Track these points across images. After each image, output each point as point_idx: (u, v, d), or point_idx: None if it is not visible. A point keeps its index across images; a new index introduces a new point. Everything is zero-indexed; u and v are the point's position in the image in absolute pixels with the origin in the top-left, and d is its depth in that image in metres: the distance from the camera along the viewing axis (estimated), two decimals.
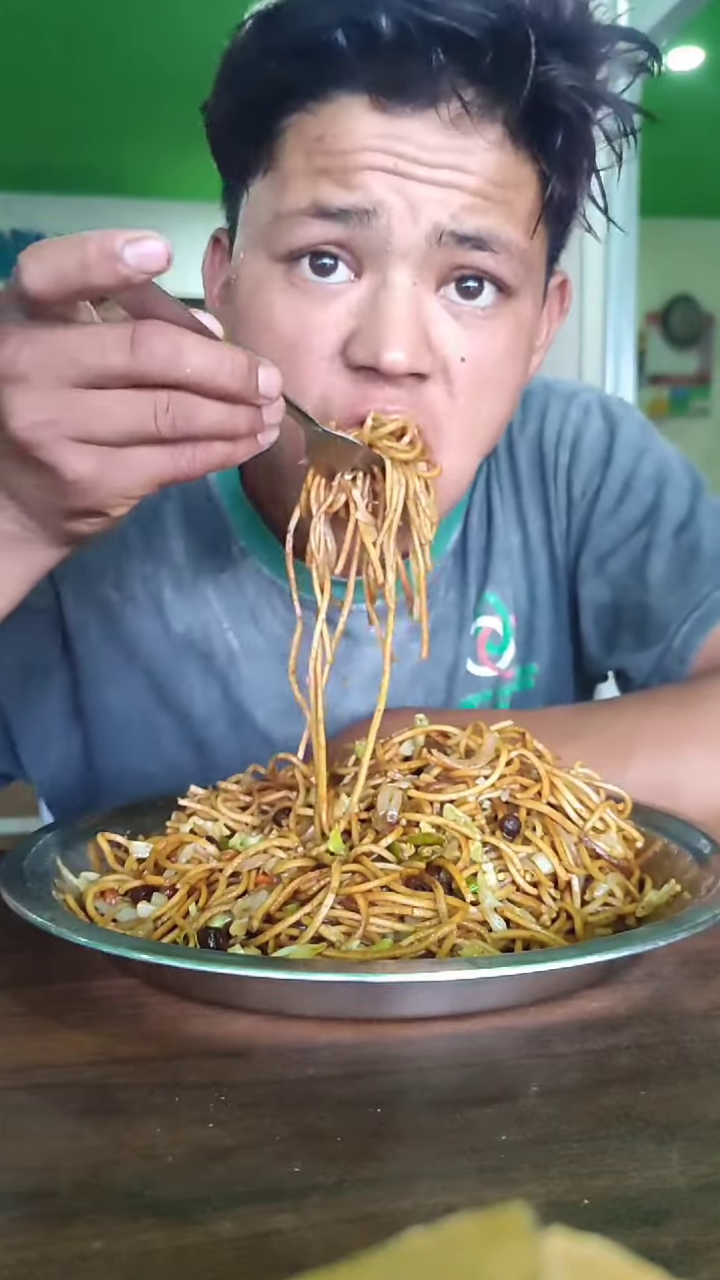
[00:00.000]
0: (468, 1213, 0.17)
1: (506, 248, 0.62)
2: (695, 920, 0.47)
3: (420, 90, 0.58)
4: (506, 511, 0.85)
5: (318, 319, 0.62)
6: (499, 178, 0.60)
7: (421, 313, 0.61)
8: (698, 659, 0.80)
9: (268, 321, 0.63)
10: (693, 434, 5.97)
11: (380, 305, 0.60)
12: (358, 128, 0.59)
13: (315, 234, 0.61)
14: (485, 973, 0.43)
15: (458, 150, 0.59)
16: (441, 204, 0.59)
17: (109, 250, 0.43)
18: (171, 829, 0.62)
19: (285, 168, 0.62)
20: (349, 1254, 0.17)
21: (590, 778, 0.60)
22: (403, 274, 0.60)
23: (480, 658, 0.84)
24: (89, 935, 0.46)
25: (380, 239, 0.60)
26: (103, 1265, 0.30)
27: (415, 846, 0.53)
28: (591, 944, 0.46)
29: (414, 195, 0.59)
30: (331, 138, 0.60)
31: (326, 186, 0.60)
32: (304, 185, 0.61)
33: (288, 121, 0.61)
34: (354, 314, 0.62)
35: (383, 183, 0.59)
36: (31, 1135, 0.37)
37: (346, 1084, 0.41)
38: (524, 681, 0.86)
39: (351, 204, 0.59)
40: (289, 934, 0.49)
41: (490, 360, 0.64)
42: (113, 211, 5.29)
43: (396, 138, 0.59)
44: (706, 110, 3.81)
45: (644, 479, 0.84)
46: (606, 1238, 0.16)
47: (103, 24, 3.45)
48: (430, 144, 0.59)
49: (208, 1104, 0.39)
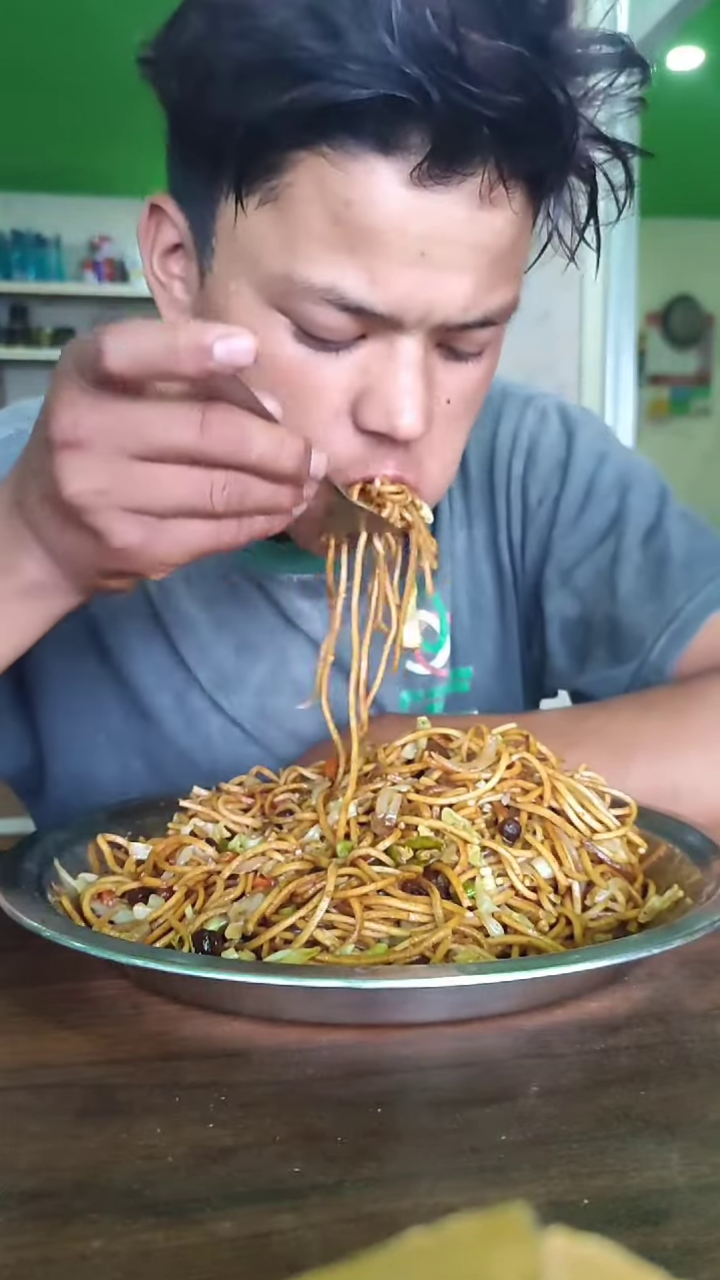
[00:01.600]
0: (468, 1213, 0.17)
1: (504, 314, 0.61)
2: (693, 927, 0.47)
3: (463, 166, 0.54)
4: (454, 511, 0.84)
5: (326, 377, 0.60)
6: (513, 245, 0.59)
7: (427, 375, 0.60)
8: (678, 670, 0.79)
9: (271, 362, 0.60)
10: (693, 434, 5.98)
11: (393, 372, 0.59)
12: (391, 203, 0.54)
13: (331, 321, 0.58)
14: (471, 980, 0.43)
15: (485, 226, 0.56)
16: (452, 299, 0.57)
17: (201, 344, 0.43)
18: (172, 830, 0.62)
19: (296, 217, 0.56)
20: (349, 1254, 0.17)
21: (595, 782, 0.60)
22: (415, 340, 0.59)
23: (413, 655, 0.83)
24: (81, 938, 0.46)
25: (392, 323, 0.58)
26: (103, 1265, 0.30)
27: (413, 850, 0.53)
28: (583, 951, 0.46)
29: (430, 293, 0.57)
30: (362, 207, 0.54)
31: (352, 275, 0.56)
32: (326, 261, 0.56)
33: (297, 157, 0.55)
34: (363, 373, 0.60)
35: (410, 279, 0.56)
36: (31, 1135, 0.37)
37: (346, 1084, 0.41)
38: (457, 685, 0.84)
39: (373, 304, 0.57)
40: (284, 938, 0.49)
41: (470, 391, 0.64)
42: (113, 211, 5.29)
43: (429, 213, 0.55)
44: (706, 110, 3.82)
45: (606, 485, 0.82)
46: (606, 1238, 0.16)
47: (102, 24, 3.45)
48: (461, 219, 0.56)
49: (208, 1104, 0.39)
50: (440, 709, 0.84)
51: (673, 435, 5.90)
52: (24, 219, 5.39)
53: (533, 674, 0.88)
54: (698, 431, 5.99)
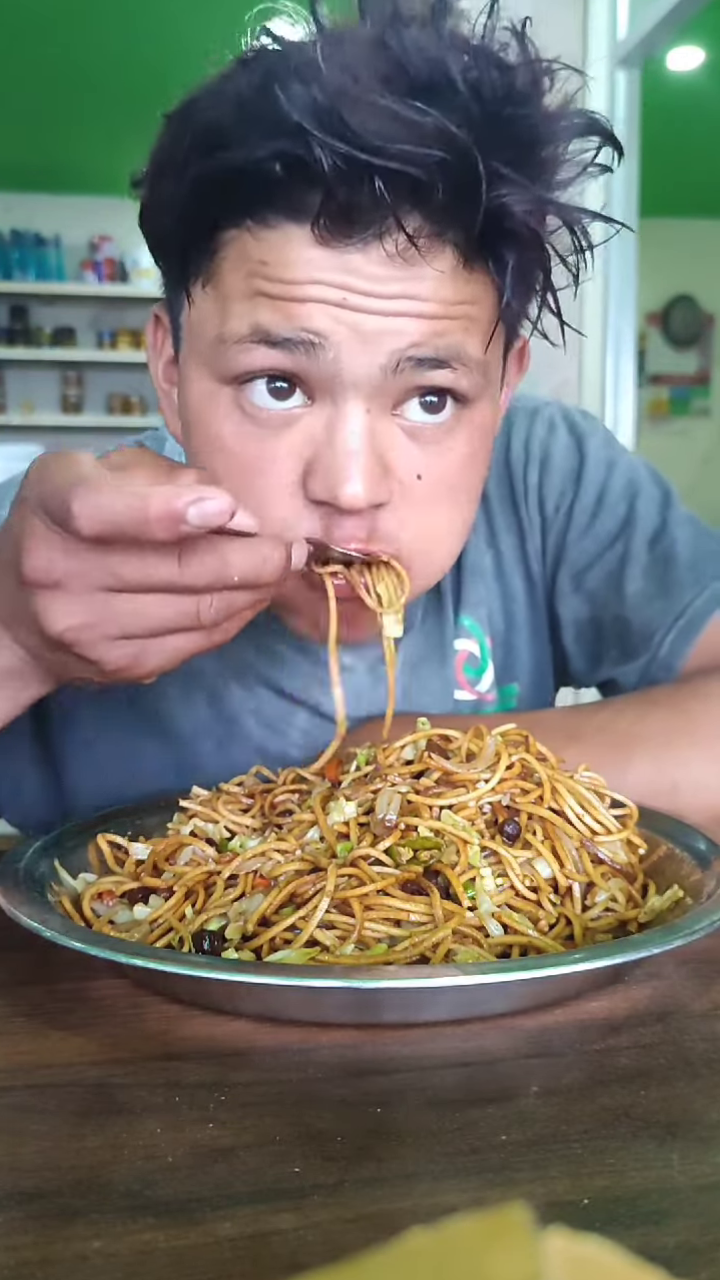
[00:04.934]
0: (468, 1213, 0.17)
1: (465, 363, 0.59)
2: (693, 927, 0.47)
3: (365, 224, 0.55)
4: (477, 533, 0.84)
5: (272, 449, 0.60)
6: (454, 298, 0.58)
7: (378, 442, 0.59)
8: (685, 666, 0.80)
9: (221, 446, 0.61)
10: (693, 434, 5.98)
11: (335, 439, 0.58)
12: (301, 258, 0.56)
13: (259, 361, 0.58)
14: (471, 980, 0.43)
15: (407, 279, 0.56)
16: (396, 334, 0.57)
17: (173, 512, 0.44)
18: (173, 831, 0.62)
19: (225, 287, 0.59)
20: (349, 1254, 0.17)
21: (595, 782, 0.60)
22: (356, 404, 0.58)
23: (459, 682, 0.84)
24: (81, 938, 0.46)
25: (329, 370, 0.57)
26: (103, 1265, 0.31)
27: (413, 850, 0.53)
28: (583, 951, 0.46)
29: (364, 328, 0.56)
30: (275, 265, 0.56)
31: (268, 314, 0.57)
32: (245, 310, 0.58)
33: (227, 237, 0.58)
34: (310, 442, 0.59)
35: (328, 315, 0.56)
36: (31, 1135, 0.37)
37: (346, 1084, 0.41)
38: (505, 703, 0.85)
39: (293, 334, 0.57)
40: (284, 938, 0.49)
41: (450, 472, 0.63)
42: (113, 211, 5.29)
43: (343, 270, 0.56)
44: (706, 110, 3.82)
45: (616, 492, 0.84)
46: (606, 1238, 0.16)
47: (102, 25, 3.45)
48: (378, 275, 0.56)
49: (208, 1104, 0.39)
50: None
51: (673, 435, 5.90)
52: (24, 219, 5.39)
53: (555, 676, 0.89)
54: (698, 432, 5.99)
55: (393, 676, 0.63)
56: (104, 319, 5.67)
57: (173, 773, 0.78)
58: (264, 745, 0.79)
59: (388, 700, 0.63)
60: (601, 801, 0.58)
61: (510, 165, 0.54)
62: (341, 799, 0.57)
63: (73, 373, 5.63)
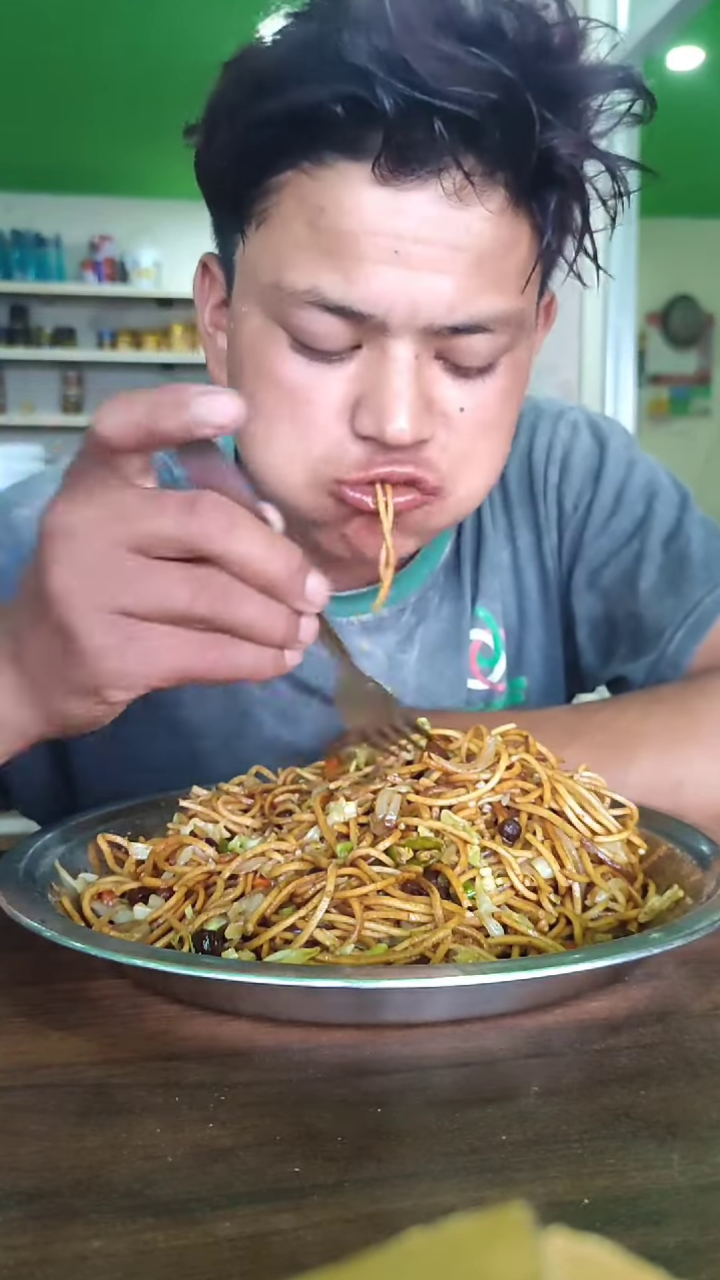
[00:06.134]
0: (468, 1213, 0.17)
1: (500, 323, 0.63)
2: (693, 927, 0.47)
3: (422, 163, 0.58)
4: (497, 527, 0.86)
5: (323, 380, 0.64)
6: (496, 247, 0.61)
7: (423, 381, 0.63)
8: (692, 664, 0.80)
9: (273, 378, 0.65)
10: (693, 434, 5.98)
11: (383, 380, 0.62)
12: (360, 204, 0.59)
13: (316, 324, 0.62)
14: (471, 980, 0.43)
15: (458, 224, 0.59)
16: (436, 298, 0.60)
17: (180, 399, 0.44)
18: (172, 830, 0.62)
19: (285, 232, 0.62)
20: (349, 1254, 0.17)
21: (595, 783, 0.60)
22: (404, 348, 0.62)
23: (472, 671, 0.85)
24: (81, 939, 0.46)
25: (379, 326, 0.61)
26: (102, 1265, 0.30)
27: (413, 850, 0.53)
28: (583, 951, 0.46)
29: (412, 291, 0.60)
30: (334, 212, 0.60)
31: (329, 276, 0.60)
32: (306, 265, 0.61)
33: (284, 178, 0.61)
34: (358, 380, 0.63)
35: (383, 281, 0.60)
36: (31, 1135, 0.37)
37: (346, 1084, 0.41)
38: (514, 695, 0.86)
39: (352, 302, 0.60)
40: (284, 938, 0.49)
41: (489, 407, 0.66)
42: (113, 211, 5.30)
43: (398, 212, 0.59)
44: (706, 110, 3.82)
45: (634, 491, 0.85)
46: (606, 1238, 0.16)
47: (104, 24, 3.45)
48: (432, 216, 0.59)
49: (208, 1104, 0.39)
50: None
51: (673, 435, 5.91)
52: (24, 219, 5.39)
53: (567, 672, 0.90)
54: (698, 432, 5.99)
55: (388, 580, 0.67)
56: (104, 319, 5.68)
57: (185, 764, 0.78)
58: (276, 735, 0.80)
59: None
60: (601, 802, 0.58)
61: (554, 113, 0.58)
62: (341, 799, 0.57)
63: (73, 373, 5.64)
